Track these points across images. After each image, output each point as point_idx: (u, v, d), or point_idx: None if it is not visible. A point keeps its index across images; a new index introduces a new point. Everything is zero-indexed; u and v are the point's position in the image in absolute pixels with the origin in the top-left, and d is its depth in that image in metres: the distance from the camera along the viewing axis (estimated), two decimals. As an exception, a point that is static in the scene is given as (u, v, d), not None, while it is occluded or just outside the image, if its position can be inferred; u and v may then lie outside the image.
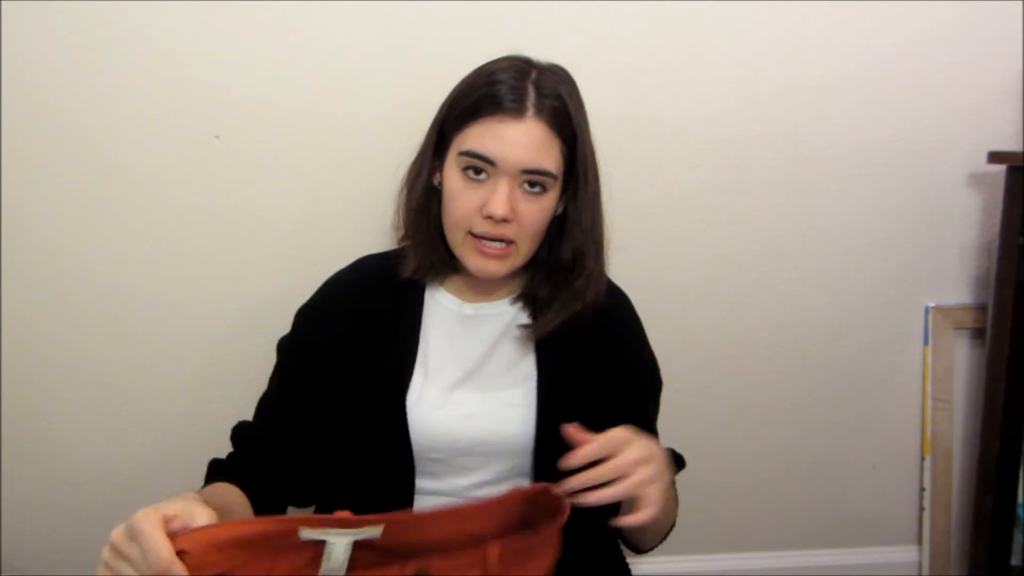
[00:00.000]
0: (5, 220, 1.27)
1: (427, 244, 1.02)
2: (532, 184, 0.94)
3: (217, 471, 1.00)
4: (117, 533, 0.72)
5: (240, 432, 1.04)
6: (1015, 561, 1.48)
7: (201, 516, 0.72)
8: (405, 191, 1.04)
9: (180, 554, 0.69)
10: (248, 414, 1.05)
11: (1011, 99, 1.41)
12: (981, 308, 1.48)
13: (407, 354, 1.02)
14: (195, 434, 1.37)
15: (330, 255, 1.17)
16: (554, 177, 0.95)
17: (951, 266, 1.48)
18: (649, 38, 1.32)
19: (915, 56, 1.38)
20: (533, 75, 0.96)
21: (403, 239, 1.06)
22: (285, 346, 1.06)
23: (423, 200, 1.01)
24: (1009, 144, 1.41)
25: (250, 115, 1.27)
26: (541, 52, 1.21)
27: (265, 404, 1.05)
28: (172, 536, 0.70)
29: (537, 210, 0.96)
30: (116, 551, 0.71)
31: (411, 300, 1.04)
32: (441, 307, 1.05)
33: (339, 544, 0.76)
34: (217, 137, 1.27)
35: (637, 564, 1.53)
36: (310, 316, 1.06)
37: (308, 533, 0.74)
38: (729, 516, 1.55)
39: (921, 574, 1.57)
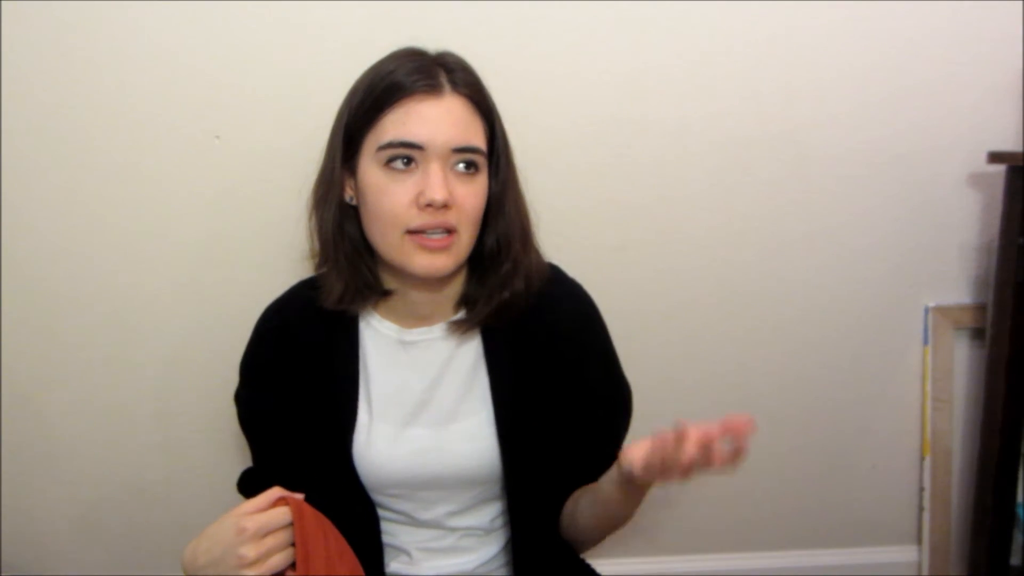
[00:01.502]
0: (5, 220, 1.28)
1: (349, 268, 0.94)
2: (465, 164, 0.89)
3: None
4: (247, 549, 0.78)
5: (254, 479, 1.03)
6: (1015, 561, 1.48)
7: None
8: (315, 215, 0.96)
9: None
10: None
11: (1011, 99, 1.41)
12: (981, 308, 1.48)
13: (348, 393, 0.97)
14: (196, 434, 1.38)
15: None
16: (484, 154, 0.90)
17: (951, 266, 1.48)
18: (649, 39, 1.32)
19: (915, 56, 1.38)
20: (433, 57, 0.91)
21: (320, 266, 0.98)
22: (240, 399, 1.04)
23: (338, 220, 0.94)
24: (1009, 144, 1.40)
25: (250, 115, 1.27)
26: (541, 53, 1.22)
27: (258, 456, 1.04)
28: None
29: (473, 193, 0.90)
30: (258, 556, 0.78)
31: (345, 331, 0.98)
32: (379, 335, 0.99)
33: None
34: (217, 137, 1.28)
35: (637, 564, 1.54)
36: (250, 368, 1.03)
37: None
38: (729, 516, 1.55)
39: (921, 574, 1.57)
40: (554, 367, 0.98)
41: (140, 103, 1.25)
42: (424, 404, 0.98)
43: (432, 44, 1.00)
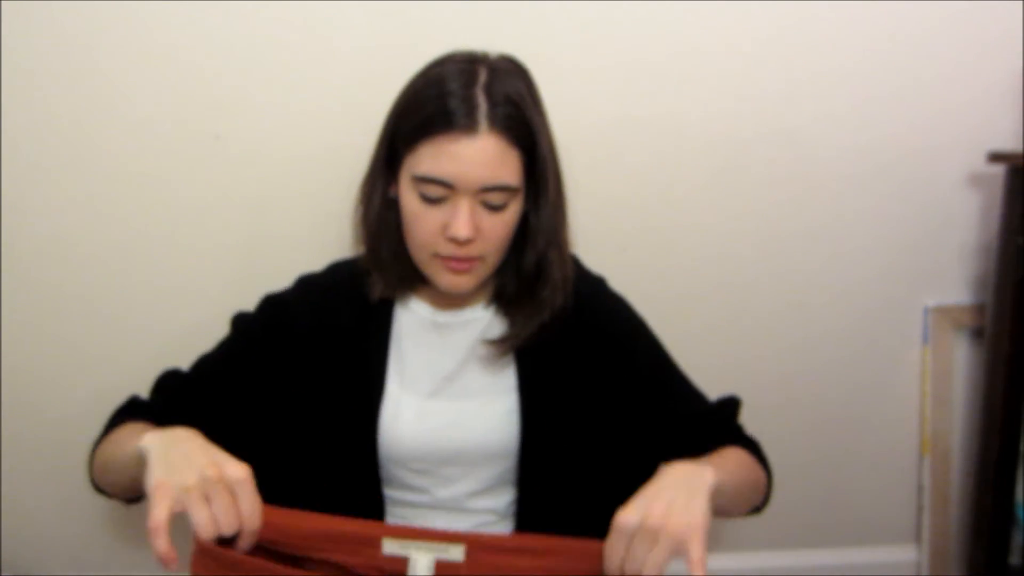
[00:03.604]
0: (5, 220, 1.27)
1: (391, 260, 0.99)
2: (493, 200, 0.91)
3: (140, 413, 1.00)
4: (212, 470, 0.75)
5: (168, 384, 1.04)
6: (1014, 561, 1.48)
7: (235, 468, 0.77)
8: (361, 207, 1.01)
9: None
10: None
11: (1011, 99, 1.41)
12: (981, 308, 1.48)
13: (376, 368, 1.00)
14: (195, 434, 1.38)
15: (336, 254, 1.17)
16: (515, 189, 0.93)
17: (951, 266, 1.48)
18: (648, 38, 1.32)
19: (915, 56, 1.38)
20: (482, 78, 0.91)
21: (366, 258, 1.03)
22: (243, 323, 1.05)
23: (382, 214, 0.98)
24: (1009, 144, 1.40)
25: (250, 115, 1.27)
26: (540, 53, 1.21)
27: (204, 368, 1.05)
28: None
29: (501, 224, 0.93)
30: (203, 489, 0.74)
31: (381, 311, 1.02)
32: (414, 315, 1.03)
33: (422, 561, 0.77)
34: (217, 137, 1.27)
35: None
36: (275, 307, 1.05)
37: (391, 546, 0.76)
38: (728, 515, 1.55)
39: (920, 573, 1.57)
40: (582, 345, 1.01)
41: (140, 103, 1.25)
42: (451, 379, 1.01)
43: (429, 45, 1.00)
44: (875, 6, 1.35)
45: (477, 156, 0.88)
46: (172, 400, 1.01)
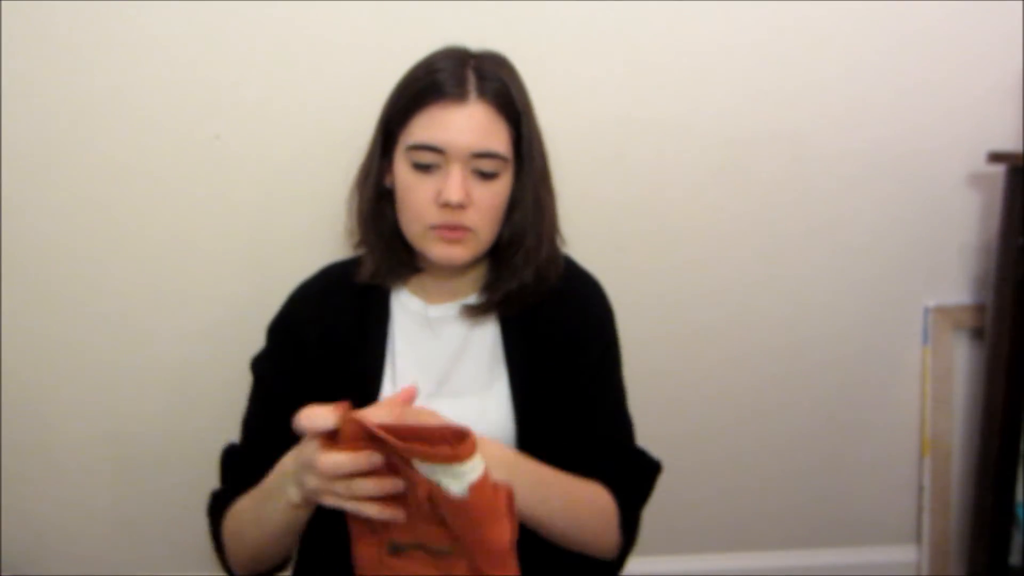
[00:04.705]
0: (5, 220, 1.27)
1: (383, 247, 1.01)
2: (484, 168, 0.94)
3: (229, 498, 0.98)
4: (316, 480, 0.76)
5: (233, 462, 1.03)
6: (1014, 561, 1.48)
7: None
8: (356, 195, 1.03)
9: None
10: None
11: (1011, 99, 1.41)
12: (981, 308, 1.48)
13: (375, 365, 1.01)
14: (195, 434, 1.37)
15: (336, 253, 1.17)
16: (504, 159, 0.95)
17: (951, 266, 1.48)
18: (649, 38, 1.32)
19: (915, 56, 1.38)
20: (471, 62, 0.96)
21: (358, 244, 1.05)
22: (261, 363, 1.05)
23: (375, 202, 1.01)
24: (1009, 144, 1.40)
25: (250, 115, 1.27)
26: (541, 53, 1.22)
27: (251, 425, 1.04)
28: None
29: (491, 195, 0.95)
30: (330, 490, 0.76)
31: (376, 306, 1.03)
32: (406, 310, 1.04)
33: (454, 486, 0.74)
34: (217, 137, 1.27)
35: (635, 564, 1.54)
36: (280, 330, 1.05)
37: (422, 468, 0.74)
38: (728, 515, 1.55)
39: (920, 573, 1.57)
40: (565, 344, 1.01)
41: (140, 103, 1.25)
42: (444, 377, 1.01)
43: (429, 45, 1.01)
44: (875, 6, 1.35)
45: (466, 123, 0.92)
46: (244, 475, 0.97)
